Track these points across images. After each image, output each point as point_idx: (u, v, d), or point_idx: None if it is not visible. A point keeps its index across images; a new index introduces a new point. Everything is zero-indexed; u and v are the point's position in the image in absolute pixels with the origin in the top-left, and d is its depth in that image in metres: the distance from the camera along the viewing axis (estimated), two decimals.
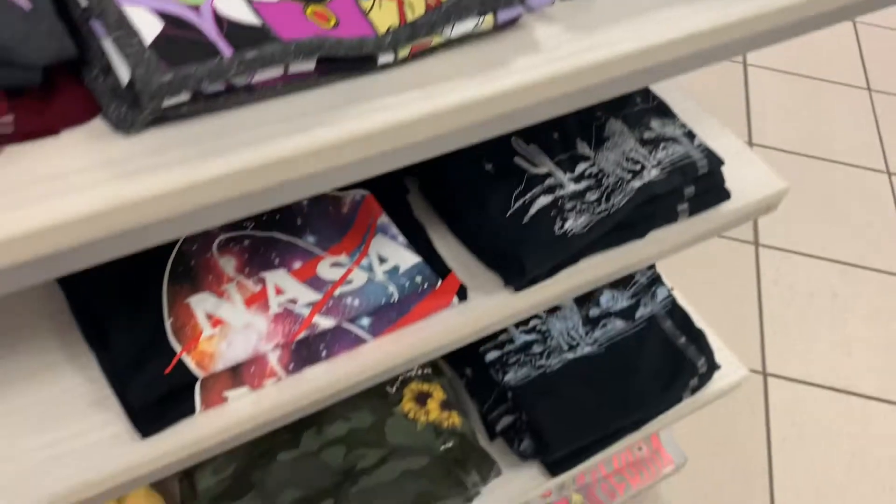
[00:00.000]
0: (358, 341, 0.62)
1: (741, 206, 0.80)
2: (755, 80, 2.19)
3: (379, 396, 0.83)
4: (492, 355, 0.87)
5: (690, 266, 0.96)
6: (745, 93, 2.15)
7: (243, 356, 0.57)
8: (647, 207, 0.71)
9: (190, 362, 0.56)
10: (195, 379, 0.56)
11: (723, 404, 1.43)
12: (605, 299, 0.94)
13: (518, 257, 0.65)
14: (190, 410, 0.57)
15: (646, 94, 0.80)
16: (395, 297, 0.63)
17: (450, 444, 0.80)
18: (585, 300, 0.93)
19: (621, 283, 0.95)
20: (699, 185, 0.75)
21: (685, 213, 0.75)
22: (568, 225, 0.67)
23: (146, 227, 0.40)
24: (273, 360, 0.59)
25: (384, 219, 0.68)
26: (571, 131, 0.74)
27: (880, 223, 1.85)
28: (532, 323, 0.90)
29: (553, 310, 0.92)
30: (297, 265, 0.64)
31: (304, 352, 0.60)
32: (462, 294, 0.66)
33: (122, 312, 0.59)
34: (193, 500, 0.75)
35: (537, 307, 0.71)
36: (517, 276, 0.67)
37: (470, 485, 0.78)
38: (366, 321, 0.63)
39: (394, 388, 0.84)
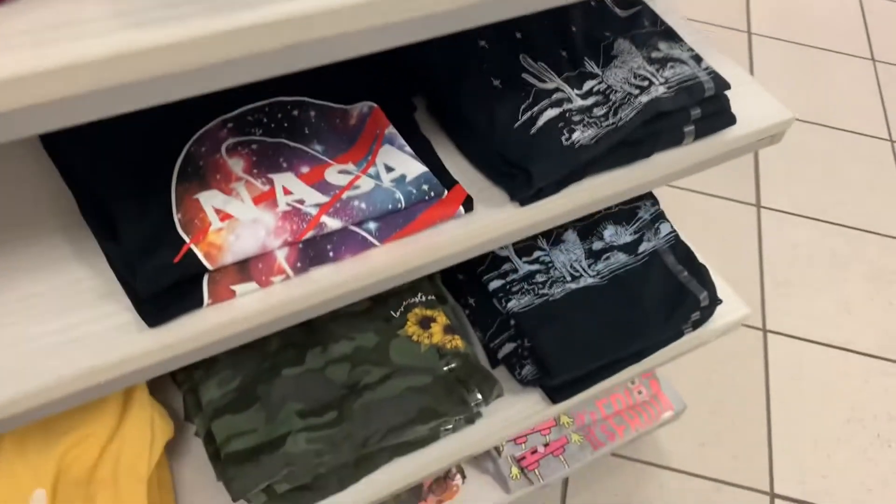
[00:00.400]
0: (365, 244, 0.62)
1: (746, 132, 0.80)
2: (759, 48, 2.18)
3: (383, 320, 0.84)
4: (495, 284, 0.88)
5: (692, 226, 0.97)
6: (749, 61, 2.15)
7: (251, 250, 0.58)
8: (654, 125, 0.71)
9: (199, 253, 0.56)
10: (203, 270, 0.57)
11: (722, 360, 1.45)
12: (609, 234, 0.94)
13: (525, 167, 0.66)
14: (197, 303, 0.57)
15: (654, 18, 0.80)
16: (402, 203, 0.63)
17: (453, 365, 0.81)
18: (589, 234, 0.93)
19: (625, 219, 0.96)
20: (705, 107, 0.75)
21: (691, 136, 0.75)
22: (575, 136, 0.67)
23: (157, 79, 0.40)
24: (281, 257, 0.59)
25: (391, 130, 0.68)
26: (579, 50, 0.74)
27: (882, 189, 1.85)
28: (535, 254, 0.90)
29: (556, 242, 0.92)
30: (304, 170, 0.64)
31: (312, 251, 0.60)
32: (468, 204, 0.66)
33: (131, 208, 0.59)
34: (198, 412, 0.75)
35: (541, 224, 0.71)
36: (523, 187, 0.67)
37: (472, 403, 0.79)
38: (372, 225, 0.63)
39: (398, 313, 0.85)
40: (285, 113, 0.68)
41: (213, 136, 0.64)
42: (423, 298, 0.86)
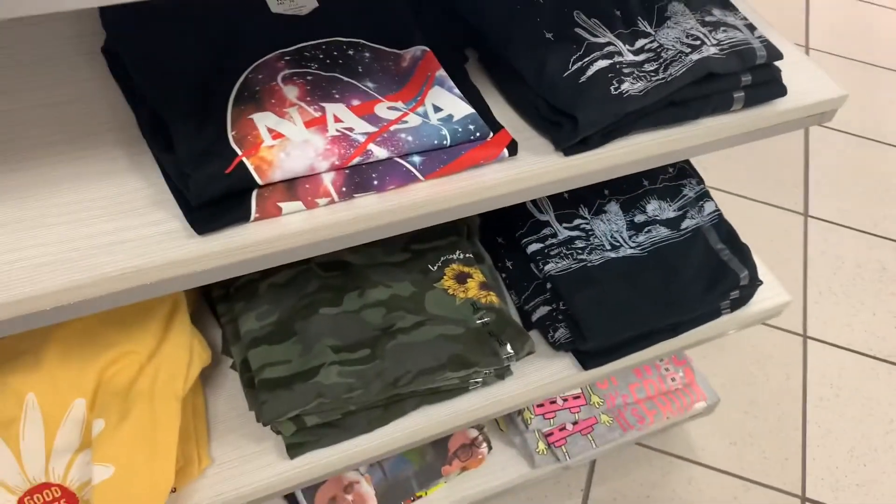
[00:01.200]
0: (409, 177, 0.64)
1: (797, 106, 0.79)
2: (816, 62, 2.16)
3: (420, 272, 0.85)
4: (534, 247, 0.88)
5: (738, 230, 0.97)
6: None
7: (300, 169, 0.59)
8: (703, 86, 0.71)
9: (250, 166, 0.58)
10: (253, 185, 0.58)
11: (759, 360, 1.43)
12: (652, 208, 0.94)
13: (572, 114, 0.66)
14: (245, 216, 0.59)
15: None
16: (447, 140, 0.65)
17: (486, 319, 0.81)
18: (632, 207, 0.94)
19: (669, 195, 0.96)
20: (756, 74, 0.74)
21: (740, 102, 0.75)
22: (624, 87, 0.67)
23: None
24: (327, 180, 0.61)
25: (441, 73, 0.69)
26: (633, 10, 0.75)
27: None
28: (576, 221, 0.91)
29: (598, 212, 0.92)
30: (355, 102, 0.66)
31: (357, 178, 0.62)
32: (512, 148, 0.67)
33: (188, 123, 0.61)
34: (237, 341, 0.77)
35: (584, 178, 0.72)
36: (569, 135, 0.67)
37: (504, 356, 0.79)
38: (417, 159, 0.64)
39: (435, 267, 0.86)
40: (341, 51, 0.70)
41: (271, 66, 0.67)
42: (461, 256, 0.87)
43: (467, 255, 0.87)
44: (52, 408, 0.68)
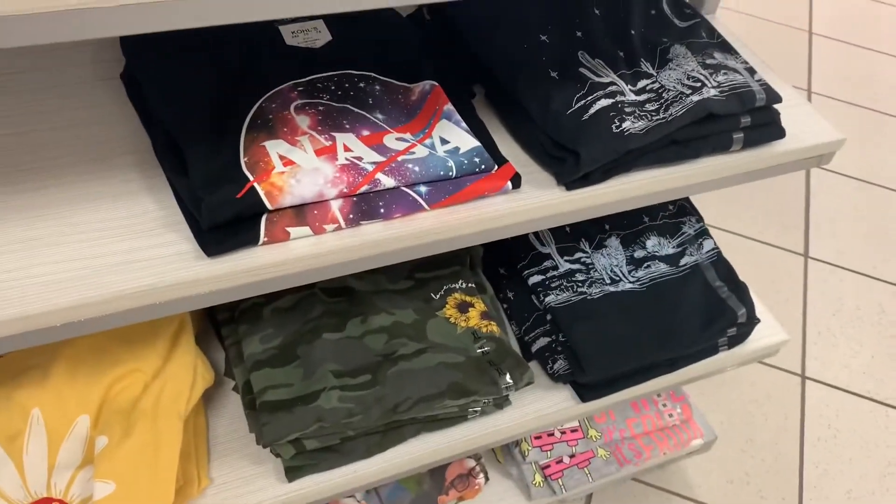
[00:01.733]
0: (415, 206, 0.65)
1: (795, 148, 0.81)
2: (818, 107, 2.19)
3: (423, 300, 0.86)
4: (535, 279, 0.90)
5: (738, 270, 0.99)
6: None
7: (309, 195, 0.61)
8: (703, 127, 0.73)
9: (260, 191, 0.60)
10: (263, 209, 0.60)
11: (757, 400, 1.43)
12: (651, 244, 0.95)
13: (574, 149, 0.68)
14: (254, 240, 0.60)
15: (711, 30, 0.83)
16: (453, 171, 0.66)
17: (486, 348, 0.82)
18: (632, 242, 0.95)
19: (669, 232, 0.97)
20: (755, 116, 0.76)
21: (739, 143, 0.77)
22: (626, 125, 0.69)
23: None
24: (335, 207, 0.63)
25: (449, 107, 0.72)
26: (637, 52, 0.77)
27: None
28: (577, 255, 0.92)
29: (599, 246, 0.94)
30: (365, 133, 0.68)
31: (364, 205, 0.64)
32: (516, 181, 0.69)
33: (202, 148, 0.63)
34: (239, 363, 0.78)
35: (585, 212, 0.73)
36: (571, 170, 0.69)
37: (503, 385, 0.80)
38: (423, 188, 0.66)
39: (438, 296, 0.87)
40: (352, 84, 0.72)
41: (284, 96, 0.69)
42: (464, 285, 0.89)
43: (470, 285, 0.89)
44: (57, 423, 0.69)
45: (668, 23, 0.82)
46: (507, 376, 0.81)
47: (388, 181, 0.64)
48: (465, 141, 0.69)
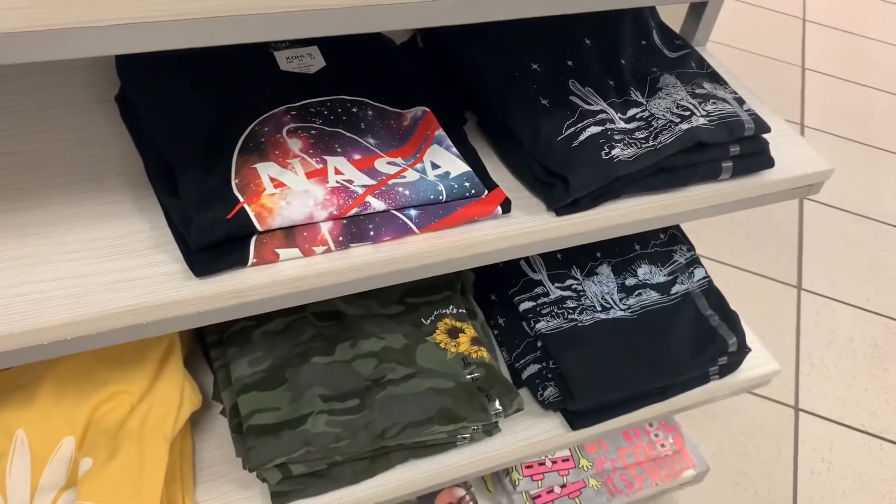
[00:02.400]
0: (404, 229, 0.66)
1: (784, 178, 0.82)
2: (811, 141, 2.21)
3: (413, 325, 0.86)
4: (526, 305, 0.90)
5: (731, 300, 0.99)
6: None
7: (299, 217, 0.61)
8: (692, 155, 0.74)
9: (250, 212, 0.60)
10: (252, 230, 0.60)
11: (750, 431, 1.42)
12: (643, 272, 0.96)
13: (564, 175, 0.69)
14: (243, 261, 0.61)
15: (700, 61, 0.84)
16: (444, 195, 0.67)
17: (476, 374, 0.82)
18: (623, 270, 0.95)
19: (660, 260, 0.97)
20: (744, 145, 0.77)
21: (728, 172, 0.77)
22: (615, 152, 0.70)
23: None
24: (325, 229, 0.63)
25: (440, 132, 0.72)
26: (626, 81, 0.78)
27: None
28: (568, 282, 0.92)
29: (590, 274, 0.94)
30: (356, 157, 0.68)
31: (354, 228, 0.64)
32: (506, 206, 0.70)
33: (194, 169, 0.63)
34: (227, 386, 0.78)
35: (574, 238, 0.74)
36: (561, 196, 0.70)
37: (492, 412, 0.80)
38: (413, 212, 0.66)
39: (428, 321, 0.87)
40: (345, 109, 0.73)
41: (277, 119, 0.69)
42: (455, 311, 0.89)
43: (460, 311, 0.89)
44: (41, 445, 0.69)
45: (658, 53, 0.83)
46: (497, 402, 0.81)
47: (378, 204, 0.65)
48: (456, 166, 0.70)
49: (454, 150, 0.71)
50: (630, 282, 0.94)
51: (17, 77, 0.74)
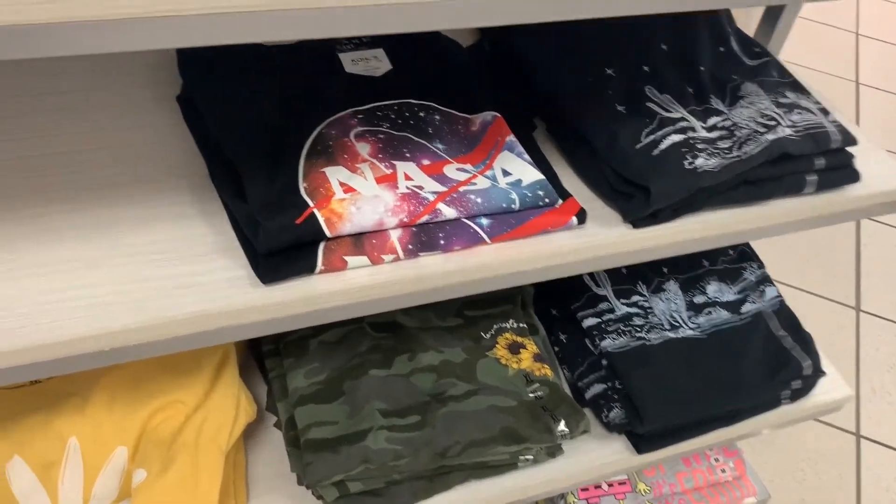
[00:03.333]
0: (475, 239, 0.62)
1: (869, 193, 0.77)
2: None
3: (473, 339, 0.83)
4: (590, 321, 0.86)
5: None
6: None
7: (369, 223, 0.59)
8: (777, 167, 0.70)
9: (320, 218, 0.57)
10: (322, 237, 0.58)
11: (812, 458, 1.36)
12: (712, 289, 0.91)
13: (645, 185, 0.65)
14: (310, 268, 0.58)
15: (781, 69, 0.80)
16: (516, 204, 0.64)
17: (539, 393, 0.78)
18: (691, 287, 0.91)
19: (729, 278, 0.93)
20: (830, 158, 0.73)
21: (812, 185, 0.73)
22: (699, 162, 0.66)
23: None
24: (394, 237, 0.60)
25: (511, 138, 0.69)
26: (706, 88, 0.74)
27: None
28: (634, 298, 0.88)
29: (657, 290, 0.90)
30: (425, 162, 0.66)
31: (424, 236, 0.61)
32: (581, 216, 0.66)
33: (260, 172, 0.61)
34: (283, 398, 0.75)
35: (651, 252, 0.70)
36: (640, 207, 0.66)
37: (557, 433, 0.76)
38: (485, 221, 0.63)
39: (488, 335, 0.84)
40: (412, 113, 0.70)
41: (344, 123, 0.67)
42: (515, 325, 0.85)
43: (521, 325, 0.85)
44: (94, 454, 0.67)
45: (738, 60, 0.80)
46: (563, 423, 0.77)
47: (449, 212, 0.61)
48: (529, 173, 0.66)
49: (526, 156, 0.68)
50: (699, 299, 0.90)
51: (73, 76, 0.72)
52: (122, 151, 0.66)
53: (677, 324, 0.87)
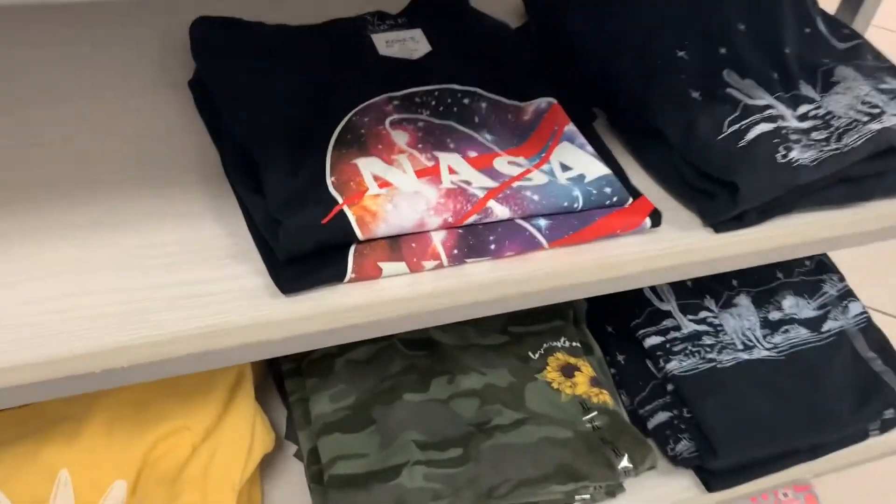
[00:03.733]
0: (531, 243, 0.53)
1: None
2: None
3: (519, 359, 0.73)
4: (653, 340, 0.76)
5: None
6: None
7: (408, 224, 0.49)
8: (879, 162, 0.60)
9: (351, 217, 0.48)
10: (353, 239, 0.49)
11: (887, 494, 1.24)
12: (788, 304, 0.81)
13: (731, 181, 0.55)
14: (339, 276, 0.49)
15: (876, 53, 0.70)
16: (580, 203, 0.54)
17: (598, 423, 0.69)
18: (765, 302, 0.81)
19: (807, 291, 0.83)
20: None
21: None
22: (794, 154, 0.56)
23: None
24: (437, 239, 0.51)
25: (571, 127, 0.60)
26: (793, 73, 0.65)
27: None
28: (702, 314, 0.78)
29: (727, 305, 0.80)
30: (472, 154, 0.56)
31: (471, 239, 0.52)
32: (656, 218, 0.56)
33: (281, 164, 0.52)
34: (306, 425, 0.66)
35: (735, 260, 0.60)
36: (725, 207, 0.56)
37: (620, 468, 0.66)
38: (543, 222, 0.54)
39: (536, 355, 0.74)
40: (455, 99, 0.61)
41: (378, 109, 0.58)
42: (567, 344, 0.75)
43: (574, 344, 0.76)
44: (88, 489, 0.58)
45: (826, 43, 0.70)
46: (626, 458, 0.67)
47: (502, 211, 0.52)
48: (593, 167, 0.57)
49: (589, 148, 0.58)
50: (774, 316, 0.80)
51: (76, 51, 0.64)
52: (126, 141, 0.58)
53: (751, 343, 0.77)
